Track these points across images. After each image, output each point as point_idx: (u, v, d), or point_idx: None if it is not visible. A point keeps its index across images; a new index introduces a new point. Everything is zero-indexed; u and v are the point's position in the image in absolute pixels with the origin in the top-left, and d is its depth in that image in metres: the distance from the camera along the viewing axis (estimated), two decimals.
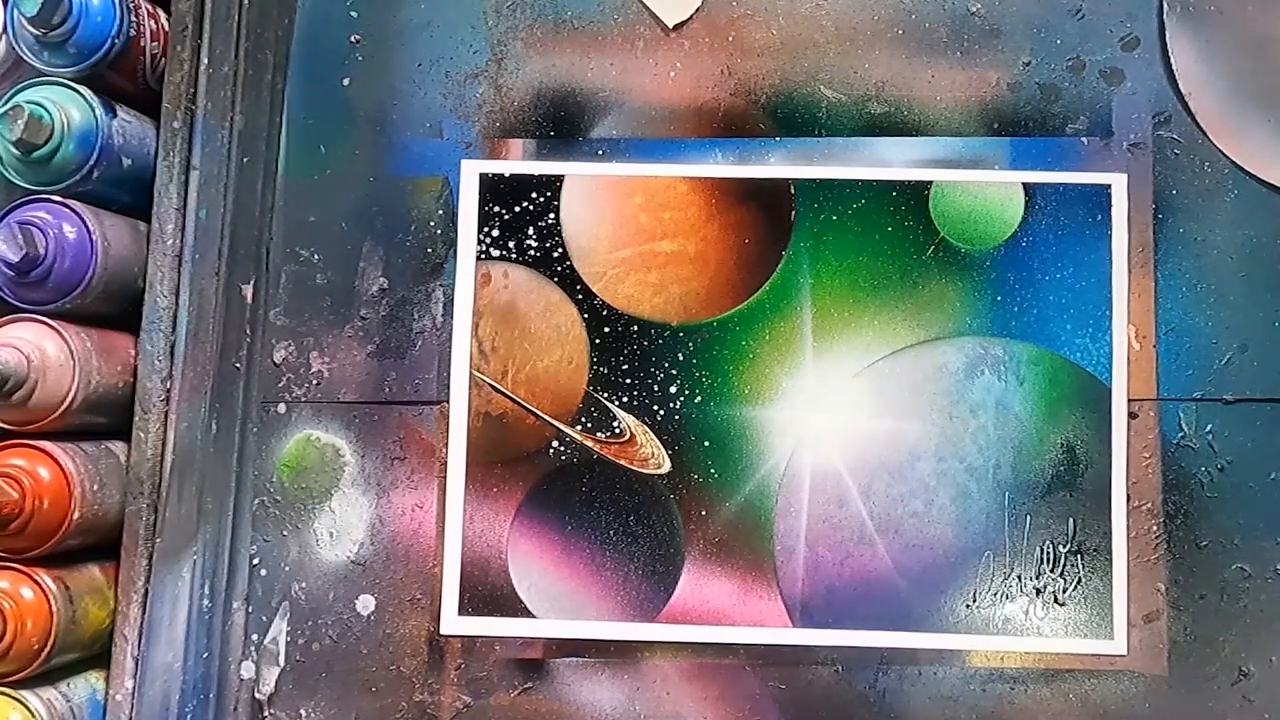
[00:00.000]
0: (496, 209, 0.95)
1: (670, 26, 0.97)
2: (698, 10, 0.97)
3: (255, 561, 0.94)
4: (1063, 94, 0.95)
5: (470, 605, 0.92)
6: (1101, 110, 0.94)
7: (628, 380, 0.93)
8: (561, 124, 0.96)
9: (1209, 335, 0.92)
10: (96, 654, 0.91)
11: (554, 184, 0.95)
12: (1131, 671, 0.90)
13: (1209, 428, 0.92)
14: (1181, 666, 0.90)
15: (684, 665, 0.92)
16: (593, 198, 0.95)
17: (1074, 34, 0.95)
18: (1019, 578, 0.91)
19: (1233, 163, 0.93)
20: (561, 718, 0.92)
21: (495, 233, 0.95)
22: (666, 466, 0.93)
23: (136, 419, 0.93)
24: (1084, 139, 0.94)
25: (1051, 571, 0.91)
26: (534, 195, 0.95)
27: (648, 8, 0.97)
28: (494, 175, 0.95)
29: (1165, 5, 0.94)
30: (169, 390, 0.94)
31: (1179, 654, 0.90)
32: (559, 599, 0.92)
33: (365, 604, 0.93)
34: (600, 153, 0.96)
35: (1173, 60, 0.94)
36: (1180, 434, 0.92)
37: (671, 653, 0.92)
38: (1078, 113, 0.95)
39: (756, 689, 0.91)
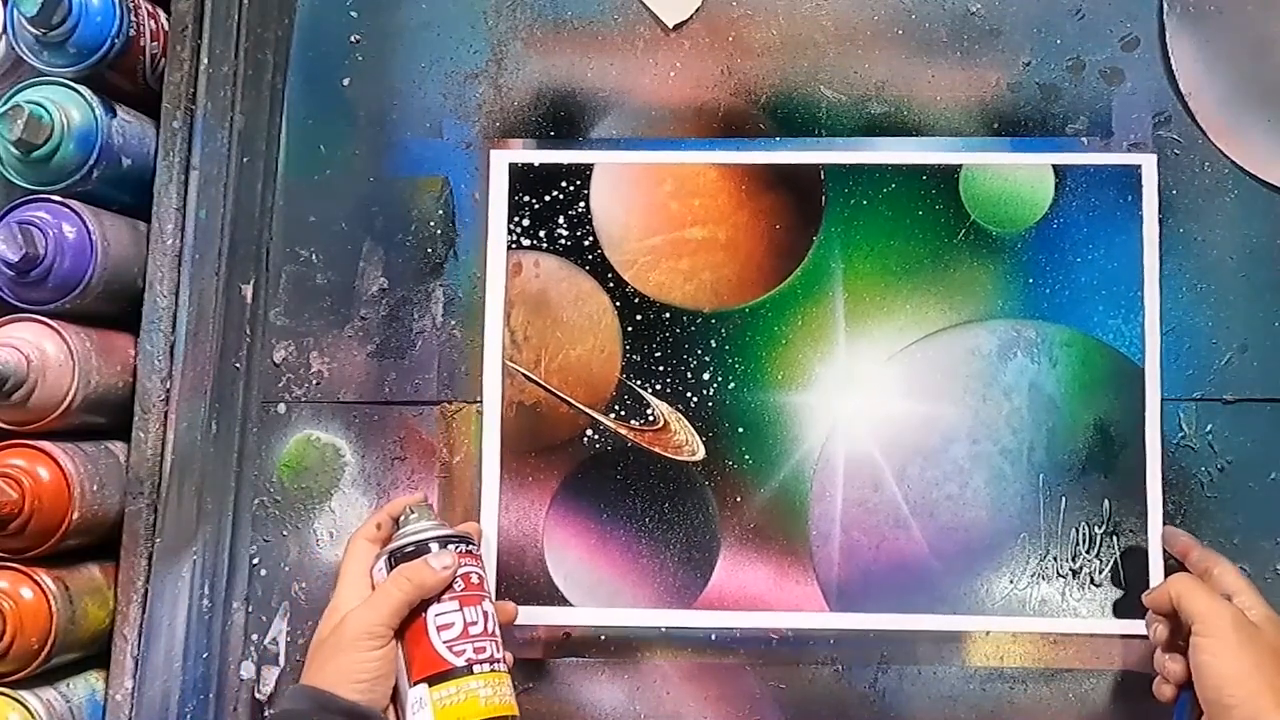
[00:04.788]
0: (526, 198, 0.95)
1: (670, 26, 0.97)
2: (698, 10, 0.97)
3: (255, 561, 0.94)
4: (1063, 94, 0.95)
5: (507, 594, 0.92)
6: (1101, 110, 0.94)
7: (660, 367, 0.93)
8: (561, 124, 0.96)
9: (1209, 335, 0.92)
10: (96, 654, 0.91)
11: (584, 173, 0.95)
12: (1132, 671, 0.90)
13: (1209, 428, 0.92)
14: None
15: (684, 665, 0.92)
16: (622, 186, 0.95)
17: (1074, 34, 0.95)
18: (1055, 559, 0.91)
19: (1233, 163, 0.93)
20: (561, 718, 0.92)
21: (526, 222, 0.95)
22: (701, 453, 0.93)
23: (136, 419, 0.93)
24: (1084, 139, 0.94)
25: (1088, 553, 0.91)
26: (564, 184, 0.95)
27: (648, 8, 0.97)
28: (524, 165, 0.95)
29: (1165, 5, 0.94)
30: (169, 390, 0.94)
31: None
32: (595, 587, 0.92)
33: None
34: (599, 150, 0.96)
35: (1173, 60, 0.94)
36: (1180, 434, 0.92)
37: (671, 652, 0.92)
38: (1078, 113, 0.95)
39: (756, 689, 0.91)
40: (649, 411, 0.93)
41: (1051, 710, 0.90)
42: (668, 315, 0.94)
